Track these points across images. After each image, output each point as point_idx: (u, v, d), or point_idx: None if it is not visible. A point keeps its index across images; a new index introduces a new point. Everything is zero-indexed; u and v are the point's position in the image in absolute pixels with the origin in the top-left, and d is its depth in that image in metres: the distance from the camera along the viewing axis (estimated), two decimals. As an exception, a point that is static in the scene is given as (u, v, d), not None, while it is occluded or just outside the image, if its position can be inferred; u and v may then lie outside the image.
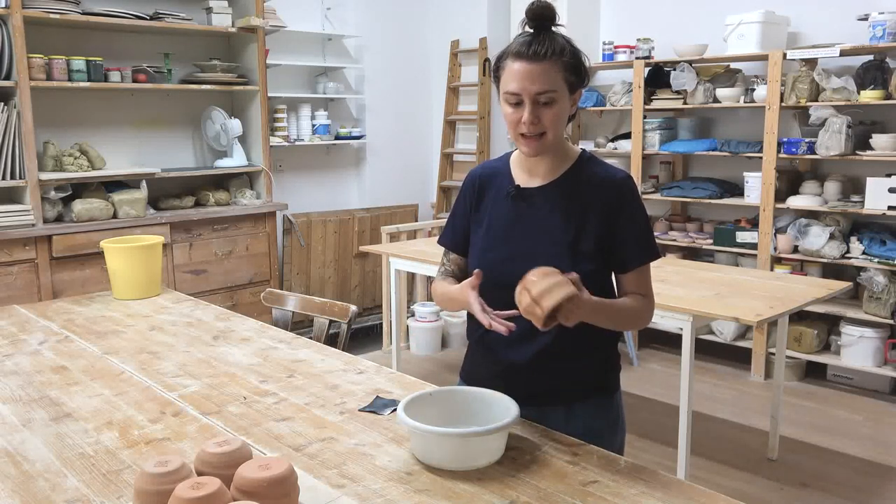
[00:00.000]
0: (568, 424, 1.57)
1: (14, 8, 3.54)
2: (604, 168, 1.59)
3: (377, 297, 5.31)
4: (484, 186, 1.66)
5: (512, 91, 1.47)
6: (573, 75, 1.49)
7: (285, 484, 1.15)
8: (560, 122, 1.51)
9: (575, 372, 1.59)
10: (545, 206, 1.57)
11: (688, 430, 2.80)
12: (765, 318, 2.58)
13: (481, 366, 1.67)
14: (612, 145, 4.93)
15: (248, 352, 2.11)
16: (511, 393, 1.52)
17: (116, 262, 2.68)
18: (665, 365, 4.50)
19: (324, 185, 5.37)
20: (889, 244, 3.87)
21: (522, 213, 1.59)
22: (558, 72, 1.46)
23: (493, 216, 1.62)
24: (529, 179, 1.60)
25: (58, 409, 1.70)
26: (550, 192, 1.57)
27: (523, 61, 1.46)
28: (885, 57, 3.93)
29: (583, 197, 1.55)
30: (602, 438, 1.59)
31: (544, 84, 1.45)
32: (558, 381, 1.59)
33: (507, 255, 1.57)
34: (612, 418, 1.66)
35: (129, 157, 4.36)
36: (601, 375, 1.64)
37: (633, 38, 4.84)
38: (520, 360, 1.58)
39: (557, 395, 1.60)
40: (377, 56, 5.46)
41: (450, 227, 1.73)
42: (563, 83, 1.48)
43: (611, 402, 1.66)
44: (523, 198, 1.59)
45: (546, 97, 1.46)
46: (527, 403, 1.56)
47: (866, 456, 3.31)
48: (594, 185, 1.56)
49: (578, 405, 1.61)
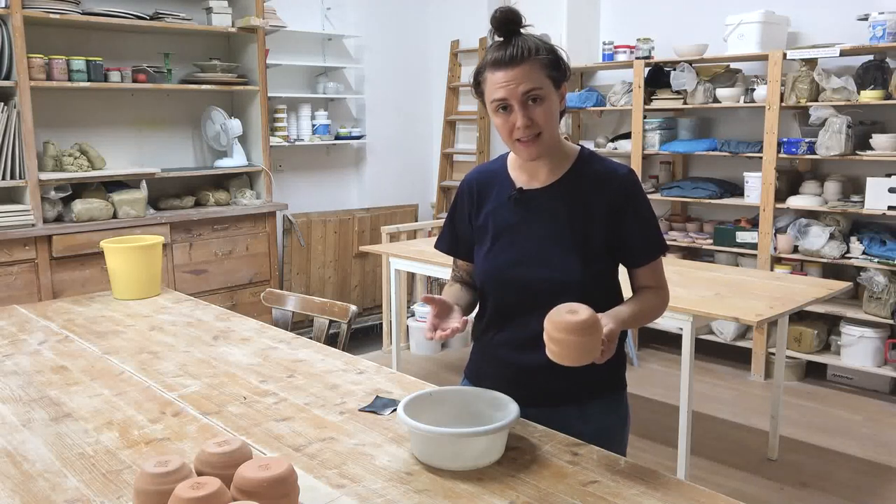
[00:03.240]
0: (583, 423, 1.57)
1: (14, 8, 3.54)
2: (605, 164, 1.58)
3: (377, 297, 5.31)
4: (482, 191, 1.64)
5: (499, 98, 1.46)
6: (554, 70, 1.48)
7: (285, 484, 1.15)
8: (552, 119, 1.50)
9: (588, 371, 1.58)
10: (550, 208, 1.56)
11: (688, 430, 2.80)
12: (765, 318, 2.58)
13: (490, 367, 1.66)
14: (612, 145, 4.93)
15: (248, 352, 2.11)
16: (523, 393, 1.52)
17: (116, 262, 2.68)
18: (665, 365, 4.50)
19: (324, 185, 5.37)
20: (889, 244, 3.87)
21: (527, 216, 1.57)
22: (540, 69, 1.46)
23: (496, 220, 1.60)
24: (530, 181, 1.59)
25: (58, 409, 1.70)
26: (554, 193, 1.56)
27: (503, 69, 1.45)
28: (885, 57, 3.93)
29: (587, 196, 1.54)
30: (614, 435, 1.60)
31: (529, 83, 1.44)
32: (572, 381, 1.57)
33: (514, 259, 1.56)
34: (623, 415, 1.66)
35: (129, 157, 4.36)
36: (612, 373, 1.64)
37: (633, 38, 4.84)
38: (533, 361, 1.55)
39: (571, 395, 1.59)
40: (377, 56, 5.46)
41: (447, 233, 1.72)
42: (546, 80, 1.47)
43: (621, 398, 1.66)
44: (526, 200, 1.57)
45: (534, 94, 1.45)
46: (540, 404, 1.57)
47: (866, 456, 3.31)
48: (597, 182, 1.55)
49: (592, 403, 1.60)
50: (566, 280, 1.51)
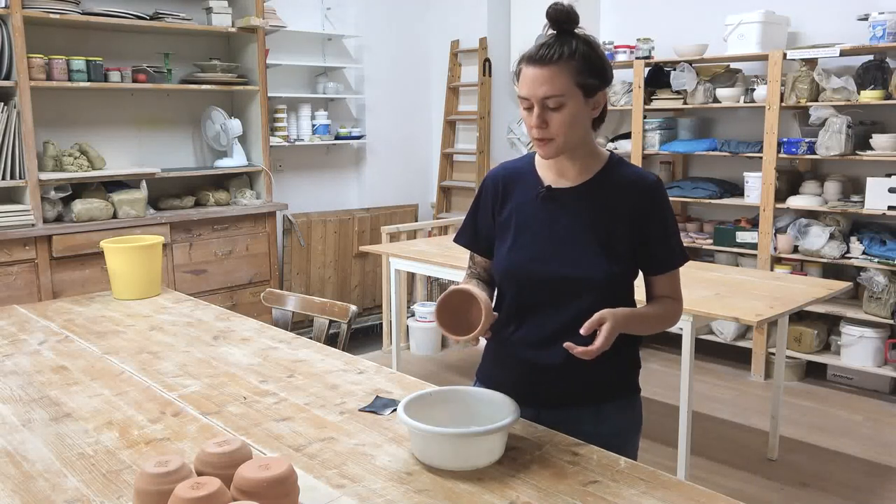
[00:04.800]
0: (599, 425, 1.56)
1: (14, 8, 3.54)
2: (633, 170, 1.59)
3: (377, 297, 5.31)
4: (508, 187, 1.64)
5: (523, 96, 1.48)
6: (588, 78, 1.47)
7: (285, 484, 1.15)
8: (571, 126, 1.48)
9: (604, 372, 1.58)
10: (576, 208, 1.55)
11: (688, 430, 2.80)
12: (765, 318, 2.58)
13: (504, 368, 1.65)
14: (612, 145, 4.93)
15: (248, 352, 2.11)
16: (539, 395, 1.52)
17: (116, 262, 2.68)
18: (665, 365, 4.50)
19: (324, 185, 5.37)
20: (889, 244, 3.87)
21: (553, 214, 1.57)
22: (567, 75, 1.44)
23: (521, 217, 1.60)
24: (559, 180, 1.58)
25: (58, 409, 1.70)
26: (582, 194, 1.56)
27: (533, 66, 1.45)
28: (885, 57, 3.93)
29: (613, 199, 1.54)
30: (629, 437, 1.61)
31: (551, 88, 1.44)
32: (588, 383, 1.57)
33: (535, 255, 1.56)
34: (636, 416, 1.66)
35: (129, 157, 4.36)
36: (628, 374, 1.64)
37: (633, 38, 4.84)
38: (550, 362, 1.55)
39: (587, 397, 1.59)
40: (377, 56, 5.46)
41: (469, 227, 1.72)
42: (573, 87, 1.45)
43: (635, 401, 1.66)
44: (554, 198, 1.57)
45: (553, 101, 1.45)
46: (556, 405, 1.57)
47: (866, 456, 3.31)
48: (625, 187, 1.55)
49: (607, 405, 1.60)
50: (586, 279, 1.51)
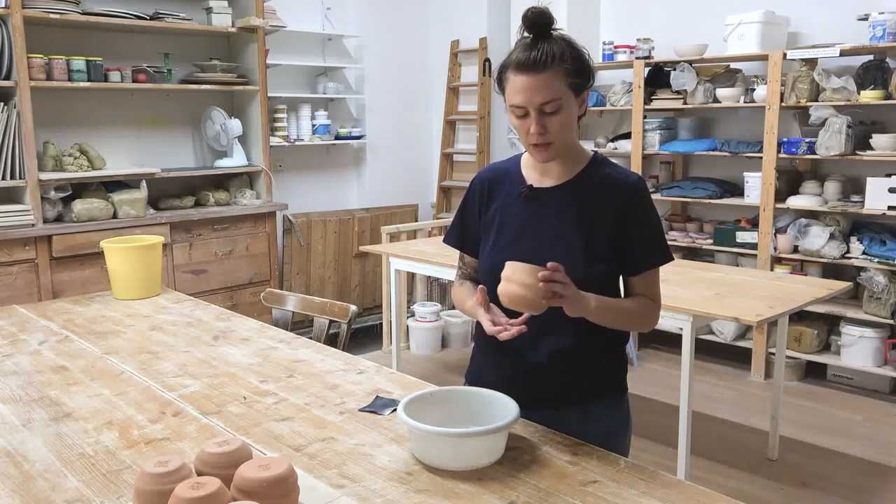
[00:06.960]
0: (586, 425, 1.56)
1: (14, 8, 3.54)
2: (616, 170, 1.59)
3: (377, 297, 5.31)
4: (493, 188, 1.65)
5: (517, 104, 1.47)
6: (577, 78, 1.48)
7: (285, 484, 1.15)
8: (568, 128, 1.50)
9: (591, 373, 1.58)
10: (558, 207, 1.57)
11: (688, 430, 2.80)
12: (765, 318, 2.58)
13: (491, 369, 1.66)
14: (612, 145, 4.93)
15: (248, 352, 2.11)
16: (527, 396, 1.52)
17: (116, 262, 2.68)
18: (665, 365, 4.50)
19: (324, 185, 5.37)
20: (889, 244, 3.87)
21: (535, 213, 1.58)
22: (561, 79, 1.45)
23: (505, 217, 1.61)
24: (542, 180, 1.60)
25: (58, 409, 1.70)
26: (564, 193, 1.57)
27: (524, 74, 1.45)
28: (885, 57, 3.93)
29: (596, 198, 1.55)
30: (617, 437, 1.61)
31: (547, 94, 1.44)
32: (575, 383, 1.58)
33: (517, 254, 1.55)
34: (625, 416, 1.66)
35: (129, 157, 4.36)
36: (615, 374, 1.65)
37: (633, 38, 4.84)
38: (535, 362, 1.56)
39: (574, 397, 1.59)
40: (377, 56, 5.46)
41: (456, 228, 1.73)
42: (566, 89, 1.47)
43: (623, 401, 1.66)
44: (536, 198, 1.59)
45: (550, 106, 1.46)
46: (543, 406, 1.57)
47: (866, 456, 3.31)
48: (607, 186, 1.55)
49: (593, 406, 1.60)
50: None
